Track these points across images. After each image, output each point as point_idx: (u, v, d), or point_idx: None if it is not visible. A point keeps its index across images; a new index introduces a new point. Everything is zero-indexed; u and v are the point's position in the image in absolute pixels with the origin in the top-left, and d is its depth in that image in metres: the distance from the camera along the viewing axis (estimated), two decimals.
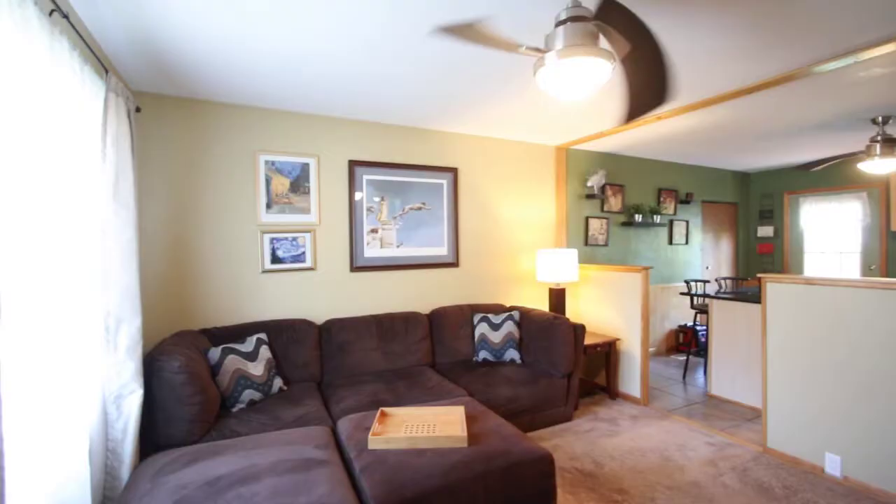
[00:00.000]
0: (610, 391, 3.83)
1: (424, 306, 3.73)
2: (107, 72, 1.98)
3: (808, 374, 2.64)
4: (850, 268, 5.42)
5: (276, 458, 1.85)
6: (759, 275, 2.91)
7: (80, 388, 1.68)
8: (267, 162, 3.13)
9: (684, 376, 4.44)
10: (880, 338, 2.34)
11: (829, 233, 5.63)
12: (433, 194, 3.77)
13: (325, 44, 2.16)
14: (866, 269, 5.25)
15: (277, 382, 2.71)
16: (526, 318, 3.50)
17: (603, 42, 1.85)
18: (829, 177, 5.52)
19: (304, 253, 3.25)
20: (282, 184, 3.18)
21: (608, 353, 3.81)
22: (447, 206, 3.83)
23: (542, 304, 4.30)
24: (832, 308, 2.53)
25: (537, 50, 1.71)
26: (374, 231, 3.52)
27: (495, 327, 3.43)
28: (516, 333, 3.43)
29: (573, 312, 4.35)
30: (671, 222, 5.45)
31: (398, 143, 3.63)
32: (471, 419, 2.25)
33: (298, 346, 2.97)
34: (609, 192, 4.82)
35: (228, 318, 3.02)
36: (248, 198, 3.08)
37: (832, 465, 2.52)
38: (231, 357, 2.50)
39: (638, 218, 4.91)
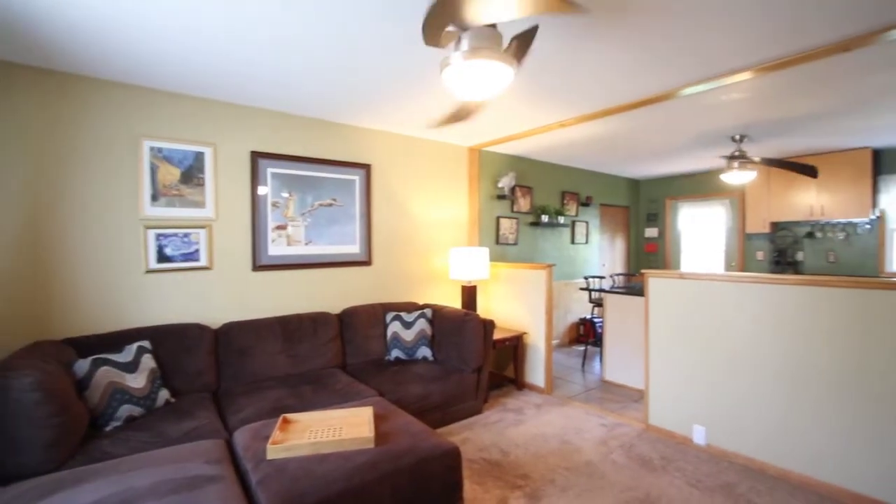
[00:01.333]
0: (517, 383, 4.03)
1: (335, 306, 3.61)
2: None
3: (680, 356, 3.00)
4: (716, 264, 6.29)
5: (157, 478, 1.66)
6: (643, 271, 3.25)
7: None
8: (152, 148, 2.80)
9: (583, 365, 4.82)
10: (736, 322, 2.74)
11: (701, 234, 6.48)
12: (345, 190, 3.65)
13: (211, 20, 1.98)
14: (728, 266, 6.13)
15: (163, 395, 2.43)
16: (438, 316, 3.55)
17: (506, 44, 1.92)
18: (700, 185, 6.35)
19: (197, 251, 2.96)
20: (171, 174, 2.87)
21: (516, 346, 4.00)
22: (360, 203, 3.74)
23: (454, 302, 4.39)
24: (700, 298, 2.90)
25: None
26: (280, 228, 3.32)
27: (408, 326, 3.42)
28: (429, 331, 3.46)
29: (484, 309, 4.50)
30: (573, 223, 5.88)
31: (307, 135, 3.46)
32: (380, 419, 2.22)
33: (190, 353, 2.70)
34: (518, 193, 5.06)
35: (102, 325, 2.65)
36: (128, 188, 2.73)
37: (698, 435, 2.89)
38: (104, 369, 2.19)
39: (544, 218, 5.23)
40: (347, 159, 3.67)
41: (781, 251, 5.54)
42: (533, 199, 5.27)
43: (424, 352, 3.38)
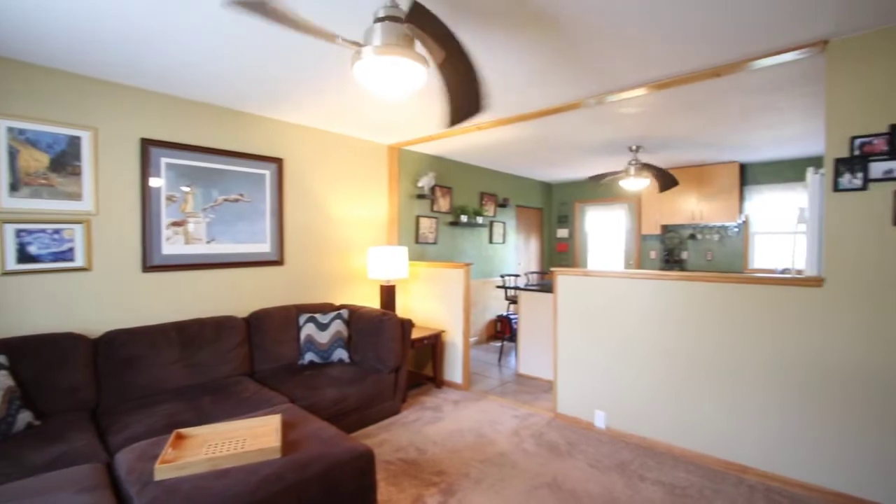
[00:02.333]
0: (436, 380, 4.07)
1: (243, 309, 3.36)
2: None
3: (584, 347, 3.24)
4: (617, 262, 6.90)
5: None
6: (552, 269, 3.45)
7: None
8: (11, 129, 2.39)
9: (499, 360, 5.01)
10: (630, 314, 3.01)
11: (605, 234, 7.06)
12: (254, 185, 3.42)
13: None
14: (627, 263, 6.75)
15: (24, 417, 2.09)
16: (355, 316, 3.46)
17: (420, 46, 1.92)
18: (604, 190, 6.91)
19: (72, 249, 2.58)
20: (36, 160, 2.47)
21: (434, 344, 4.03)
22: (271, 199, 3.52)
23: (373, 302, 4.32)
24: (601, 293, 3.15)
25: (355, 43, 1.68)
26: (177, 224, 3.02)
27: (323, 327, 3.29)
28: (345, 332, 3.36)
29: (403, 308, 4.48)
30: (491, 223, 6.08)
31: (211, 124, 3.18)
32: (289, 427, 2.10)
33: (62, 367, 2.35)
34: (438, 193, 5.12)
35: None
36: None
37: (599, 420, 3.14)
38: None
39: (464, 218, 5.34)
40: (257, 152, 3.44)
41: (670, 250, 6.22)
42: (452, 199, 5.36)
43: (340, 354, 3.28)
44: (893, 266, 2.11)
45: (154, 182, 2.90)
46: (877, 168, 2.13)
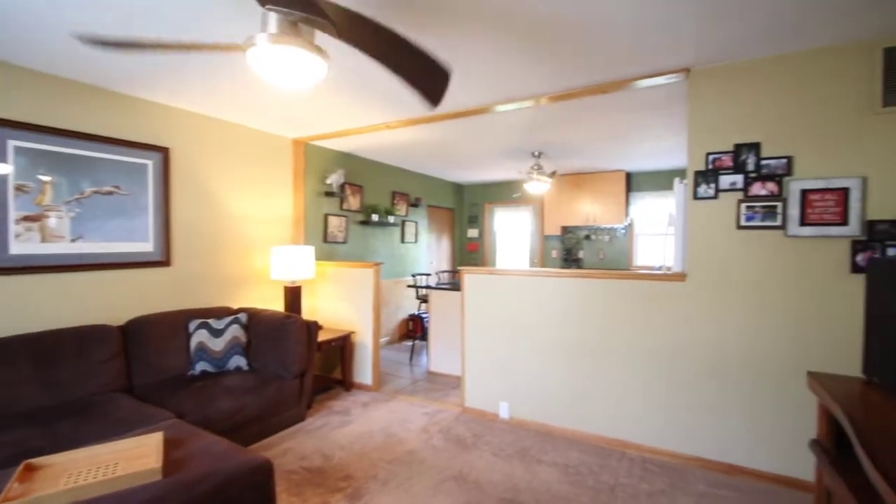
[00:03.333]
0: (346, 383, 3.96)
1: (120, 316, 2.97)
2: None
3: (490, 342, 3.38)
4: (523, 261, 7.31)
5: None
6: (459, 267, 3.55)
7: None
8: None
9: (411, 359, 5.03)
10: (531, 310, 3.21)
11: (512, 235, 7.44)
12: (133, 177, 3.03)
13: None
14: (532, 262, 7.18)
15: None
16: (255, 320, 3.24)
17: (320, 39, 1.85)
18: (512, 192, 7.28)
19: None
20: None
21: (343, 346, 3.93)
22: (154, 193, 3.15)
23: (277, 304, 4.08)
24: (506, 291, 3.31)
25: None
26: (30, 219, 2.57)
27: (217, 333, 3.03)
28: (243, 338, 3.13)
29: (310, 310, 4.30)
30: (403, 223, 6.08)
31: (78, 104, 2.76)
32: (173, 445, 1.90)
33: None
34: (349, 191, 4.99)
35: None
36: None
37: (503, 411, 3.31)
38: None
39: (375, 217, 5.27)
40: (137, 139, 3.06)
41: (569, 250, 6.75)
42: (363, 197, 5.26)
43: (238, 361, 3.05)
44: (736, 263, 2.51)
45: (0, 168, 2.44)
46: (725, 180, 2.52)
